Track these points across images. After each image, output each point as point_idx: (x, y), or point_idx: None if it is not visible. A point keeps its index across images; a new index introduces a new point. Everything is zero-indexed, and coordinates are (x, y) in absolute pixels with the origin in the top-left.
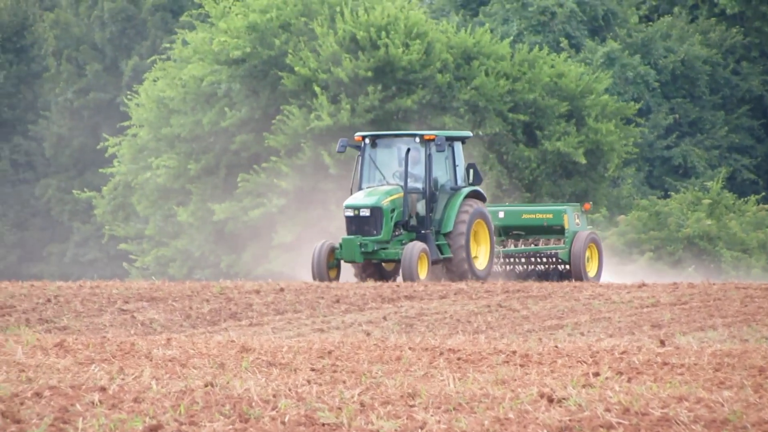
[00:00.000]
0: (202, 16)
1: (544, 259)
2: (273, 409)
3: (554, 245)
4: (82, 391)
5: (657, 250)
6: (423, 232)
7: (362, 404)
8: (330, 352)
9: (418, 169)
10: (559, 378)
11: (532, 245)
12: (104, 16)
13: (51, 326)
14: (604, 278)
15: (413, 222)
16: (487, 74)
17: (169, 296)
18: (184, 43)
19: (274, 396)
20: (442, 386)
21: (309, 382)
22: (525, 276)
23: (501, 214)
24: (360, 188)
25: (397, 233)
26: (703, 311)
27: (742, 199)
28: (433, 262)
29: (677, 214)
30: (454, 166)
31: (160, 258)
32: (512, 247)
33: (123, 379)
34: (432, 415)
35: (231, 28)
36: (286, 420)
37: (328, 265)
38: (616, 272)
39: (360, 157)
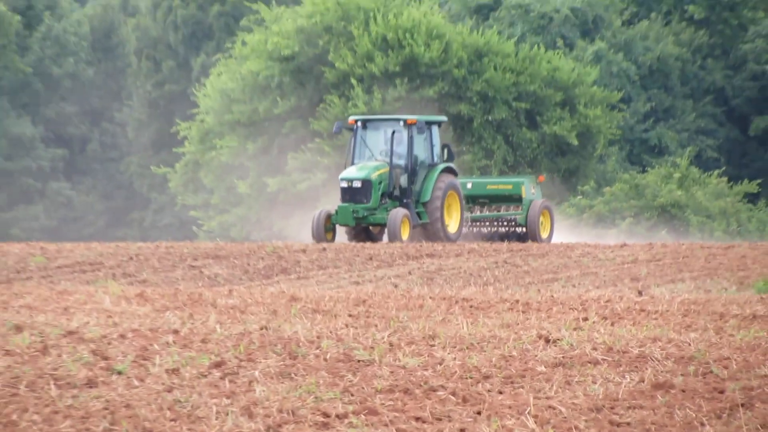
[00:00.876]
0: (258, 20)
1: (505, 223)
2: (317, 348)
3: (513, 211)
4: (158, 333)
5: (636, 216)
6: (405, 201)
7: (391, 344)
8: (364, 301)
9: (401, 148)
10: (554, 322)
11: (495, 211)
12: (177, 21)
13: (133, 279)
14: (593, 239)
15: (397, 192)
16: (495, 69)
17: (230, 255)
18: (244, 43)
19: (317, 337)
20: (457, 329)
21: (347, 325)
22: (489, 237)
23: (469, 185)
24: (353, 163)
25: (383, 202)
26: (673, 267)
27: (707, 174)
28: (413, 226)
29: (653, 186)
30: (432, 145)
31: (223, 223)
32: (478, 213)
33: (192, 324)
34: (449, 353)
35: (282, 30)
36: (328, 357)
37: (326, 229)
38: (600, 235)
39: (353, 138)
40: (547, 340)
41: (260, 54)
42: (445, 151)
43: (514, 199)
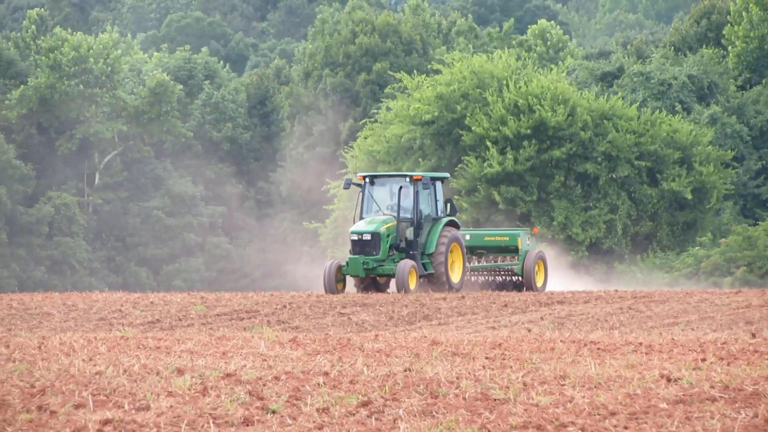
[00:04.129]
0: (401, 88)
1: (502, 272)
2: (456, 388)
3: (510, 261)
4: (310, 375)
5: (749, 265)
6: (411, 252)
7: (525, 384)
8: (500, 344)
9: (407, 203)
10: (675, 363)
11: (493, 261)
12: (327, 89)
13: (286, 326)
14: (710, 287)
15: (403, 245)
16: (618, 131)
17: (376, 303)
18: (388, 109)
19: (457, 378)
20: (586, 370)
21: (484, 367)
22: (486, 286)
23: (468, 237)
24: (362, 218)
25: (391, 254)
26: None
27: None
28: (420, 276)
29: (764, 237)
30: (436, 200)
31: None
32: (477, 263)
33: (341, 366)
34: (578, 392)
35: (423, 97)
36: (467, 396)
37: (336, 279)
38: (717, 283)
39: (361, 193)
40: (669, 379)
41: (403, 118)
42: (448, 205)
43: (511, 250)
